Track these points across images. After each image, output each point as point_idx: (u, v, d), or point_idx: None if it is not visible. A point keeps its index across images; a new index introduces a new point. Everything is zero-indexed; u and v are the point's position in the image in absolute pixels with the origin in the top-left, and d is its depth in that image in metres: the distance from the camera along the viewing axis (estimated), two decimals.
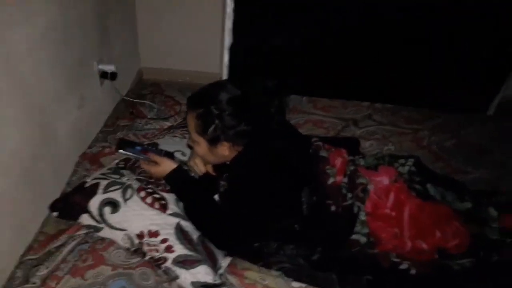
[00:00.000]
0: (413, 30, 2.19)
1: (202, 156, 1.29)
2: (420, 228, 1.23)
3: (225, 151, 1.22)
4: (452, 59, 2.26)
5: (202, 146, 1.23)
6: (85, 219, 1.23)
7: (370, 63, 2.30)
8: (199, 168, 1.34)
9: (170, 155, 1.36)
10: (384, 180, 1.31)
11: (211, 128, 1.17)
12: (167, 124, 1.84)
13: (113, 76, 1.81)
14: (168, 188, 1.30)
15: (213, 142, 1.20)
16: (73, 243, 1.22)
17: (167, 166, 1.26)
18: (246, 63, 2.36)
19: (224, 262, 1.23)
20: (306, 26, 2.26)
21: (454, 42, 2.22)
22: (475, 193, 1.44)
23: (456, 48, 2.24)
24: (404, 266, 1.19)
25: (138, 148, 1.30)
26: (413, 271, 1.18)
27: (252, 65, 2.33)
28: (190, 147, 1.40)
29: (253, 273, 1.20)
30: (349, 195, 1.26)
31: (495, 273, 1.20)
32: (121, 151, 1.27)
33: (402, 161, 1.43)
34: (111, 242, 1.22)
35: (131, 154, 1.28)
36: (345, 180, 1.30)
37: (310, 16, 2.24)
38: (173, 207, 1.26)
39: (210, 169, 1.36)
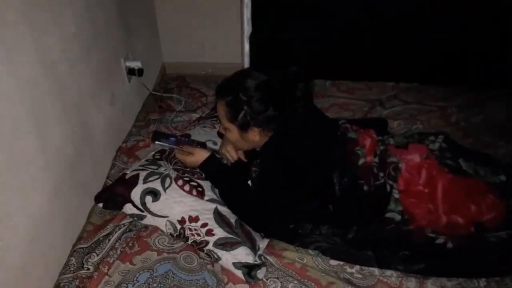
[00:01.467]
0: (437, 7, 2.17)
1: (234, 142, 1.33)
2: (454, 202, 1.24)
3: (255, 136, 1.25)
4: (476, 34, 2.22)
5: (233, 132, 1.27)
6: (128, 208, 1.29)
7: (392, 42, 2.28)
8: (231, 155, 1.39)
9: (202, 145, 1.41)
10: (415, 157, 1.32)
11: (241, 115, 1.21)
12: (196, 115, 1.89)
13: (140, 72, 1.86)
14: (203, 176, 1.34)
15: (243, 128, 1.24)
16: (119, 231, 1.28)
17: (200, 155, 1.32)
18: (267, 51, 2.38)
19: (262, 243, 1.27)
20: (326, 11, 2.26)
21: (479, 17, 2.18)
22: (508, 166, 1.44)
23: (481, 23, 2.20)
24: (440, 240, 1.21)
25: (172, 139, 1.36)
26: (449, 245, 1.20)
27: (273, 53, 2.34)
28: (220, 135, 1.45)
29: (291, 253, 1.24)
30: (381, 174, 1.28)
31: None
32: (156, 142, 1.33)
33: (432, 138, 1.45)
34: (155, 229, 1.28)
35: (166, 145, 1.34)
36: (376, 159, 1.32)
37: (325, 7, 2.24)
38: (209, 193, 1.30)
39: (241, 155, 1.40)
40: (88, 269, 1.19)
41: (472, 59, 2.28)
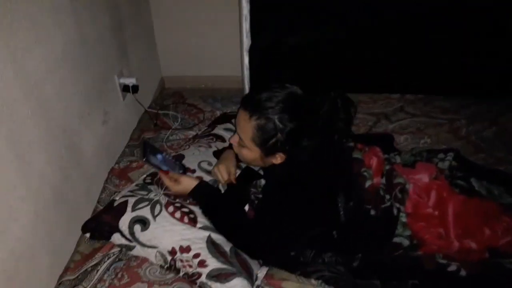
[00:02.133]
0: (445, 14, 2.08)
1: (247, 160, 1.23)
2: (467, 226, 1.15)
3: (277, 160, 1.17)
4: (487, 42, 2.13)
5: (254, 154, 1.17)
6: (117, 238, 1.22)
7: (397, 53, 2.20)
8: (222, 175, 1.30)
9: (183, 168, 1.31)
10: (424, 177, 1.24)
11: (272, 141, 1.11)
12: (192, 133, 1.82)
13: (134, 88, 1.81)
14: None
15: (269, 153, 1.15)
16: (108, 261, 1.20)
17: (188, 183, 1.22)
18: (267, 64, 2.31)
19: (261, 272, 1.18)
20: (325, 22, 2.19)
21: (484, 23, 2.09)
22: None
23: (492, 30, 2.11)
24: (452, 267, 1.12)
25: (160, 157, 1.25)
26: (462, 273, 1.11)
27: (274, 65, 2.28)
28: (217, 155, 1.37)
29: (292, 283, 1.15)
30: (387, 196, 1.19)
31: None
32: (145, 160, 1.22)
33: (441, 155, 1.36)
34: (145, 259, 1.20)
35: (155, 164, 1.22)
36: (383, 181, 1.23)
37: (329, 11, 2.16)
38: (202, 220, 1.22)
39: (232, 177, 1.31)
40: None
41: (483, 68, 2.19)
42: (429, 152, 1.39)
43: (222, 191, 1.32)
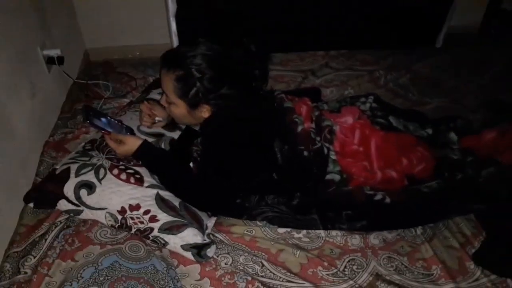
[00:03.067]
0: None
1: (179, 118, 1.28)
2: (387, 158, 1.30)
3: (204, 113, 1.22)
4: None
5: (180, 108, 1.22)
6: (63, 205, 1.22)
7: (318, 12, 2.31)
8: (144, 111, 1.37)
9: (130, 131, 1.33)
10: (348, 119, 1.37)
11: (192, 91, 1.16)
12: (126, 101, 1.80)
13: (60, 60, 1.74)
14: (140, 162, 1.29)
15: (193, 105, 1.19)
16: (56, 229, 1.20)
17: (132, 143, 1.24)
18: (195, 28, 2.31)
19: (210, 222, 1.26)
20: None
21: None
22: (435, 120, 1.52)
23: None
24: (378, 196, 1.26)
25: (103, 119, 1.26)
26: (387, 200, 1.26)
27: (201, 29, 2.28)
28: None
29: (239, 227, 1.24)
30: (317, 138, 1.30)
31: (460, 190, 1.30)
32: (88, 122, 1.22)
33: (362, 99, 1.50)
34: (95, 223, 1.21)
35: (99, 126, 1.22)
36: (313, 125, 1.34)
37: None
38: (148, 179, 1.26)
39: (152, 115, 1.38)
40: (26, 272, 1.11)
41: (396, 20, 2.37)
42: (352, 98, 1.53)
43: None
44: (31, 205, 1.25)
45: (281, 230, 1.23)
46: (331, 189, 1.28)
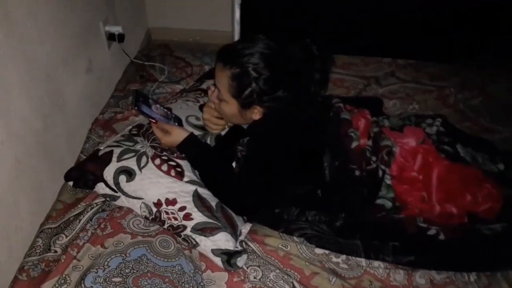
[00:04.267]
0: None
1: (228, 116, 1.23)
2: (449, 191, 1.17)
3: (256, 115, 1.16)
4: (474, 8, 2.12)
5: (231, 107, 1.17)
6: (101, 188, 1.20)
7: (390, 16, 2.17)
8: (216, 123, 1.30)
9: (179, 121, 1.29)
10: (411, 141, 1.24)
11: (247, 91, 1.10)
12: (179, 87, 1.77)
13: (120, 37, 1.73)
14: (183, 155, 1.25)
15: (245, 105, 1.14)
16: (91, 212, 1.19)
17: (178, 135, 1.20)
18: (259, 19, 2.24)
19: (245, 228, 1.20)
20: None
21: None
22: (507, 153, 1.37)
23: None
24: (432, 231, 1.15)
25: (153, 107, 1.23)
26: (441, 237, 1.14)
27: (265, 21, 2.21)
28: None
29: (275, 240, 1.17)
30: (373, 158, 1.20)
31: None
32: (136, 108, 1.20)
33: (429, 121, 1.37)
34: (129, 210, 1.19)
35: (146, 113, 1.20)
36: (369, 142, 1.23)
37: None
38: (189, 174, 1.21)
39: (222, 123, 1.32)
40: (56, 251, 1.11)
41: (474, 35, 2.18)
42: (417, 117, 1.40)
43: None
44: (71, 183, 1.24)
45: (319, 251, 1.15)
46: (380, 214, 1.17)
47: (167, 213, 1.14)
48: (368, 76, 1.93)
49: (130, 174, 1.18)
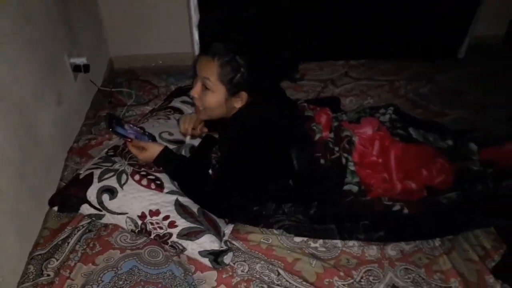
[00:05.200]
0: None
1: (211, 106, 1.25)
2: (407, 169, 1.29)
3: (238, 103, 1.24)
4: (419, 7, 2.29)
5: (218, 95, 1.22)
6: (85, 209, 1.25)
7: (340, 22, 2.32)
8: (185, 125, 1.40)
9: (152, 137, 1.36)
10: (368, 130, 1.37)
11: (237, 77, 1.19)
12: (148, 108, 1.85)
13: (86, 68, 1.80)
14: (160, 168, 1.32)
15: (233, 91, 1.21)
16: (78, 233, 1.24)
17: (153, 150, 1.26)
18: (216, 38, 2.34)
19: (227, 229, 1.27)
20: None
21: None
22: (455, 131, 1.51)
23: None
24: (397, 207, 1.26)
25: (126, 127, 1.29)
26: (406, 211, 1.25)
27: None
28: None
29: (256, 235, 1.25)
30: (336, 148, 1.31)
31: (481, 202, 1.28)
32: (111, 130, 1.25)
33: (382, 110, 1.50)
34: (115, 227, 1.25)
35: (121, 133, 1.26)
36: (331, 135, 1.35)
37: None
38: (168, 185, 1.28)
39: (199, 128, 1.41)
40: (49, 275, 1.14)
41: (418, 31, 2.36)
42: (371, 109, 1.53)
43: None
44: (55, 208, 1.29)
45: (298, 239, 1.24)
46: (349, 199, 1.28)
47: (152, 223, 1.20)
48: (324, 79, 2.07)
49: (112, 192, 1.24)
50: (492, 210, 1.27)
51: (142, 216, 1.21)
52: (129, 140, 1.27)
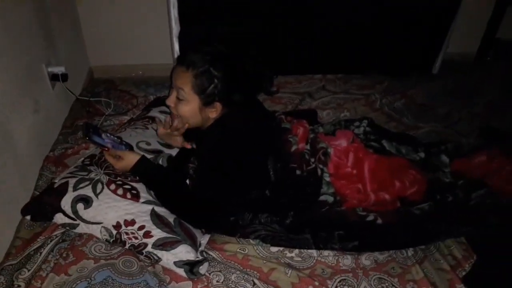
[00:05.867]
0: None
1: (186, 115, 1.29)
2: (381, 180, 1.33)
3: (213, 113, 1.26)
4: (394, 24, 2.37)
5: (192, 105, 1.25)
6: (59, 218, 1.23)
7: (317, 36, 2.37)
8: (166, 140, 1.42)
9: (129, 147, 1.36)
10: (343, 142, 1.40)
11: (210, 88, 1.21)
12: (126, 118, 1.84)
13: (64, 77, 1.79)
14: (137, 178, 1.32)
15: (207, 102, 1.23)
16: (51, 243, 1.21)
17: (130, 159, 1.26)
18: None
19: (204, 239, 1.27)
20: (251, 10, 2.29)
21: (394, 7, 2.33)
22: (427, 144, 1.56)
23: (397, 12, 2.35)
24: (370, 217, 1.29)
25: (103, 136, 1.29)
26: (379, 221, 1.28)
27: None
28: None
29: (233, 245, 1.25)
30: (312, 159, 1.34)
31: (452, 212, 1.32)
32: (88, 139, 1.25)
33: (357, 123, 1.54)
34: (90, 237, 1.23)
35: (98, 142, 1.26)
36: (307, 147, 1.37)
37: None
38: (144, 195, 1.27)
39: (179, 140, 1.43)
40: (19, 286, 1.11)
41: (394, 47, 2.43)
42: (346, 121, 1.57)
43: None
44: (28, 217, 1.26)
45: (274, 249, 1.24)
46: (324, 209, 1.30)
47: (127, 233, 1.19)
48: (302, 92, 2.11)
49: (87, 201, 1.23)
50: (463, 220, 1.31)
51: (117, 226, 1.20)
52: (106, 149, 1.27)
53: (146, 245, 1.18)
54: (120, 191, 1.26)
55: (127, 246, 1.20)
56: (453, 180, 1.38)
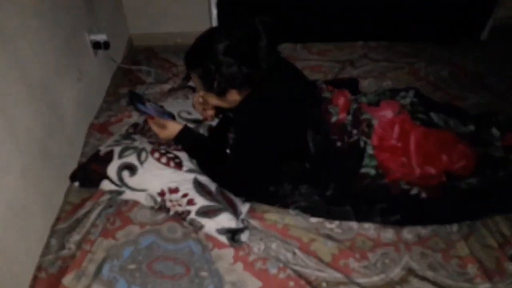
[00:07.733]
0: None
1: (217, 105, 1.32)
2: (427, 154, 1.28)
3: (234, 96, 1.23)
4: None
5: (212, 98, 1.26)
6: (106, 185, 1.28)
7: (358, 2, 2.27)
8: (200, 111, 1.44)
9: (172, 116, 1.38)
10: (388, 113, 1.35)
11: (215, 84, 1.19)
12: (167, 86, 1.85)
13: (106, 45, 1.80)
14: (180, 147, 1.33)
15: (221, 94, 1.22)
16: (98, 209, 1.27)
17: (173, 128, 1.29)
18: (235, 16, 2.32)
19: (244, 208, 1.29)
20: None
21: None
22: (476, 116, 1.48)
23: None
24: (414, 191, 1.25)
25: (148, 105, 1.32)
26: (423, 195, 1.24)
27: (241, 17, 2.29)
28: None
29: (272, 215, 1.27)
30: (355, 131, 1.30)
31: (502, 188, 1.27)
32: (133, 107, 1.28)
33: (403, 93, 1.47)
34: (135, 203, 1.27)
35: (143, 111, 1.28)
36: (349, 117, 1.33)
37: None
38: (187, 164, 1.30)
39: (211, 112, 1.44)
40: (70, 248, 1.18)
41: (440, 13, 2.30)
42: (392, 91, 1.50)
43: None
44: (77, 184, 1.32)
45: (314, 220, 1.25)
46: (366, 181, 1.27)
47: (171, 201, 1.22)
48: (343, 60, 2.04)
49: (132, 169, 1.26)
50: None
51: (162, 193, 1.23)
52: (151, 117, 1.29)
53: (189, 212, 1.21)
54: (164, 160, 1.28)
55: (171, 213, 1.23)
56: (504, 155, 1.31)
